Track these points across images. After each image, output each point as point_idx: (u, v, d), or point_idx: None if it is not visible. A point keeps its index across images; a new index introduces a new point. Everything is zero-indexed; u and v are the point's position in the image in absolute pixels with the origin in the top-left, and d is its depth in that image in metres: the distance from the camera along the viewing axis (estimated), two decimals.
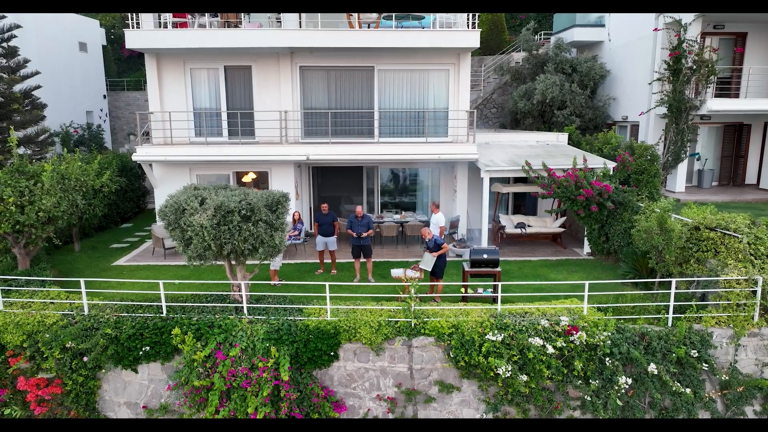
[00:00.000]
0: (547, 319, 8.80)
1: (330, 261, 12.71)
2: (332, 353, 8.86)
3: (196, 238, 8.32)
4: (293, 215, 13.27)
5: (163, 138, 14.46)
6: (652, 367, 8.57)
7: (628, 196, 12.32)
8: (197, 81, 14.54)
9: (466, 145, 14.00)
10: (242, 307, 9.26)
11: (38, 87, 17.19)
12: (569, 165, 13.10)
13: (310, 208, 16.63)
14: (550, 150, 15.11)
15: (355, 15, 14.00)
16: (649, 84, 16.26)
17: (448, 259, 13.12)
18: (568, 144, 16.48)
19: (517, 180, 16.12)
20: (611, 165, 13.29)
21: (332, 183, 17.29)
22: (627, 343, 8.76)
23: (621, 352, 8.67)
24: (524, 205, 17.50)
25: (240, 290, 9.46)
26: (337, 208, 17.11)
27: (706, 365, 8.72)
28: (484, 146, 15.44)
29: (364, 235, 11.46)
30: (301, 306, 9.43)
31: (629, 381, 8.56)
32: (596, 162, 13.46)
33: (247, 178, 15.16)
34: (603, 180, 12.59)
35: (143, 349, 8.88)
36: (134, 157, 13.63)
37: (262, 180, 15.16)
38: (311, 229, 16.46)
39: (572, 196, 12.48)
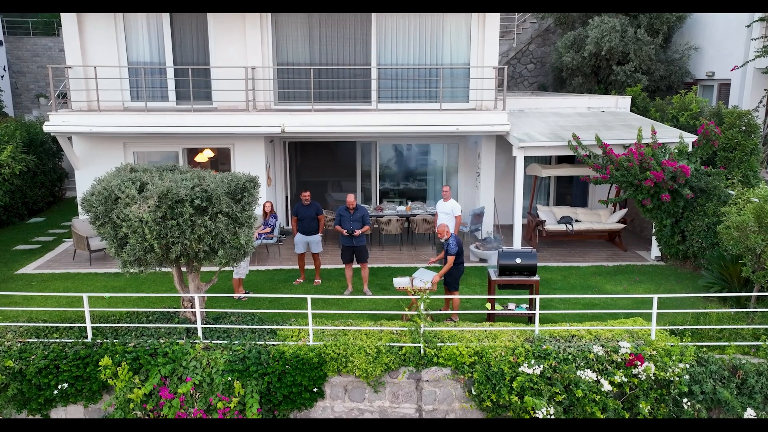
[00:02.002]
0: (602, 345, 8.82)
1: (313, 267, 12.73)
2: (316, 389, 8.89)
3: (134, 237, 8.31)
4: (264, 206, 13.27)
5: (87, 102, 14.42)
6: (750, 413, 8.56)
7: (714, 180, 12.31)
8: (133, 25, 14.49)
9: (493, 113, 13.99)
10: (196, 328, 9.28)
11: None
12: (632, 139, 13.10)
13: (287, 198, 16.64)
14: (606, 119, 15.11)
15: None
16: (747, 27, 16.13)
17: (466, 264, 13.14)
18: (631, 111, 16.47)
19: (562, 160, 16.14)
20: (690, 139, 13.29)
21: (316, 164, 17.27)
22: (712, 379, 8.76)
23: (704, 392, 8.68)
24: (571, 193, 17.48)
25: (193, 306, 9.46)
26: (322, 197, 17.13)
27: None
28: (518, 114, 15.43)
29: (358, 233, 11.48)
30: (275, 327, 9.45)
31: None
32: (670, 135, 13.45)
33: (201, 157, 15.13)
34: (679, 159, 12.59)
35: (60, 386, 8.88)
36: (47, 128, 13.59)
37: (222, 159, 15.14)
38: (288, 224, 16.47)
39: (636, 180, 12.48)
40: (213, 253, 8.76)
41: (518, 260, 10.15)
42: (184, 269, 9.51)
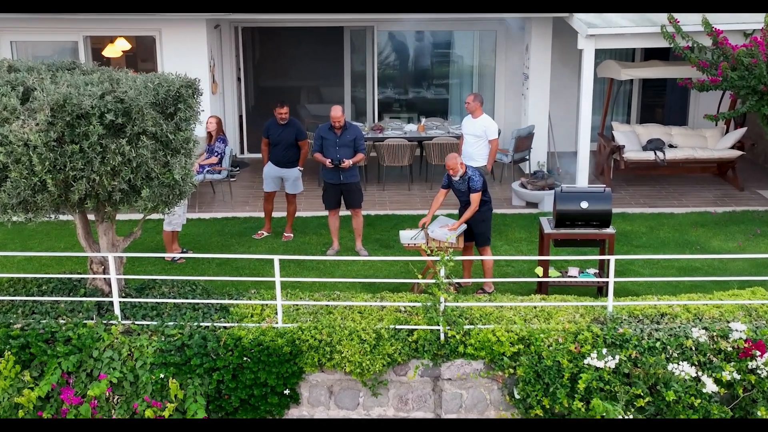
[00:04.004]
0: (705, 328, 8.89)
1: (284, 214, 12.72)
2: (287, 392, 8.99)
3: (17, 169, 8.25)
4: (207, 125, 13.17)
5: None
6: None
7: None
8: None
9: None
10: (111, 303, 9.32)
11: None
12: (758, 23, 12.92)
13: (241, 115, 16.52)
14: None
15: None
16: None
17: (507, 210, 13.15)
18: None
19: (651, 55, 15.95)
20: None
21: (283, 61, 17.07)
22: None
23: None
24: (663, 105, 17.35)
25: (106, 271, 9.49)
26: (294, 110, 16.97)
27: None
28: None
29: (348, 163, 11.42)
30: (227, 301, 9.49)
31: None
32: None
33: (112, 50, 14.95)
34: None
35: None
36: None
37: (143, 54, 14.98)
38: (244, 152, 16.42)
39: (762, 85, 12.37)
40: (134, 194, 8.70)
41: (584, 204, 10.12)
42: (91, 217, 9.49)
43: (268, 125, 12.16)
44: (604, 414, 8.43)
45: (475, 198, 10.19)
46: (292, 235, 12.35)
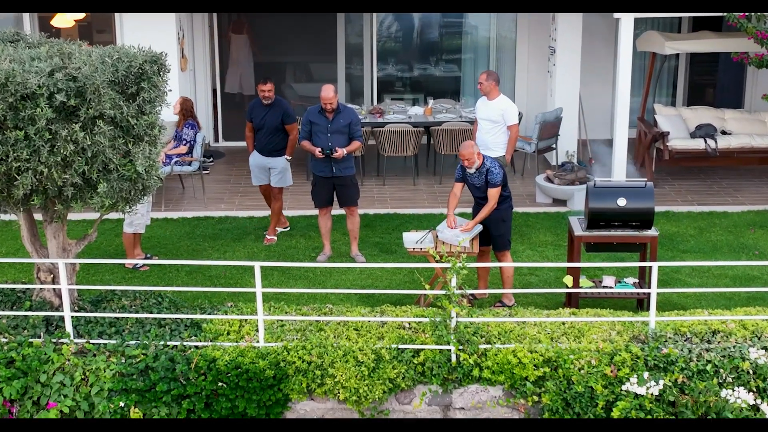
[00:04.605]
0: (765, 348, 8.87)
1: (268, 213, 12.72)
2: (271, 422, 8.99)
3: None
4: (175, 107, 13.14)
5: None
6: None
7: None
8: None
9: None
10: (62, 318, 9.31)
11: None
12: None
13: (214, 92, 16.51)
14: None
15: None
16: None
17: (530, 209, 13.13)
18: None
19: (700, 25, 15.94)
20: None
21: (265, 32, 17.04)
22: None
23: None
24: (714, 84, 17.33)
25: (56, 281, 9.48)
26: (278, 89, 16.96)
27: None
28: None
29: (341, 153, 11.41)
30: (199, 316, 9.49)
31: None
32: None
33: (63, 20, 14.95)
34: None
35: None
36: None
37: (99, 24, 14.97)
38: (219, 140, 16.40)
39: None
40: (89, 189, 8.69)
41: (622, 201, 10.11)
42: (39, 216, 9.49)
43: (252, 106, 12.16)
44: None
45: (493, 194, 10.16)
46: (275, 238, 12.34)
